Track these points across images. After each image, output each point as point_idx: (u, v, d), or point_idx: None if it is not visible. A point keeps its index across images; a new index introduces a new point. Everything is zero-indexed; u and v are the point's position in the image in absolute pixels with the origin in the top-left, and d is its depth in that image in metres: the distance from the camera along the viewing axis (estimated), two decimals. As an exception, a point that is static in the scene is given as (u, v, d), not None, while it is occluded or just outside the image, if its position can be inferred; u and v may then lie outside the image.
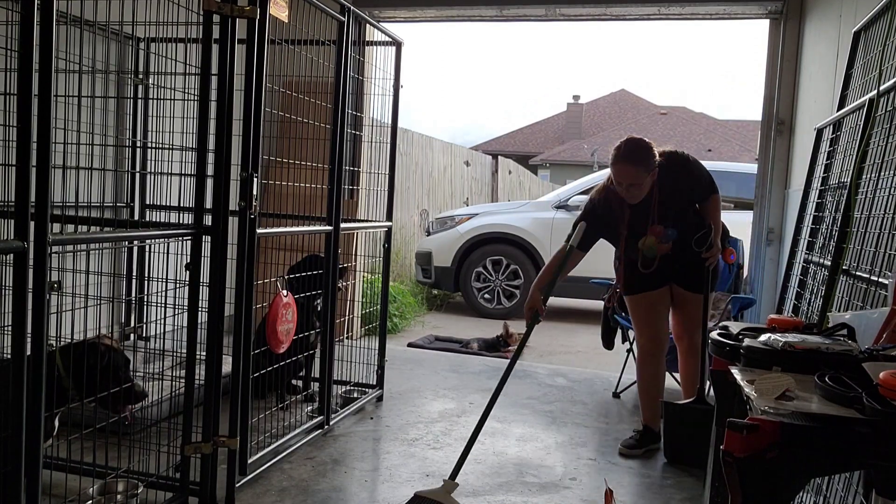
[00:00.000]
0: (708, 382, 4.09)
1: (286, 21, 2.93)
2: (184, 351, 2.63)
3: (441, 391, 4.47)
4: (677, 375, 4.46)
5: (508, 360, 3.18)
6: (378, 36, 4.10)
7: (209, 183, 2.56)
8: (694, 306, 3.52)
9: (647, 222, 3.35)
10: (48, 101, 1.82)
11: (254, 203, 2.67)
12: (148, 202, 4.26)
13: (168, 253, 2.92)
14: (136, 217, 4.21)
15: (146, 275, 4.20)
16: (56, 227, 2.04)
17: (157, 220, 4.13)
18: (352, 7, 3.39)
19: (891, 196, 2.58)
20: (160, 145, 3.82)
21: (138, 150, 4.32)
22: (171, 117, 3.72)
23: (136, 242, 4.12)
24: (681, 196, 3.37)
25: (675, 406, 3.44)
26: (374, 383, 4.15)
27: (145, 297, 4.14)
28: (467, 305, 8.24)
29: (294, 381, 4.01)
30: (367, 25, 4.03)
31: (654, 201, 3.32)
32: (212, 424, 2.66)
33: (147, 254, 4.23)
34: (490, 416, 3.98)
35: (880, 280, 2.43)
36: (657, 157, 3.30)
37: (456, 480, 2.78)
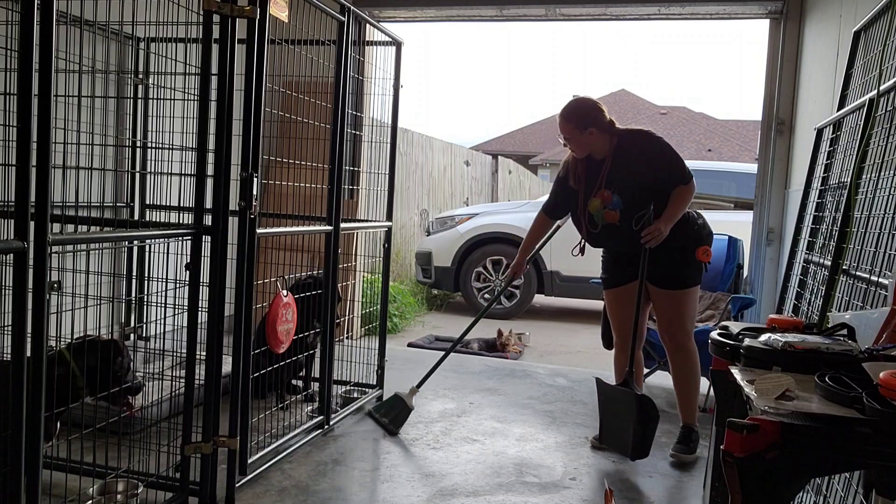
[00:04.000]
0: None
1: (286, 21, 2.93)
2: (184, 351, 2.63)
3: (441, 391, 4.47)
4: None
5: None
6: (378, 36, 4.10)
7: (209, 183, 2.56)
8: (665, 303, 3.46)
9: (596, 186, 3.46)
10: (48, 101, 1.81)
11: (254, 203, 2.67)
12: (148, 202, 4.25)
13: (168, 253, 2.91)
14: (136, 217, 4.21)
15: (146, 275, 4.20)
16: (56, 227, 2.04)
17: (157, 220, 4.13)
18: (352, 7, 3.39)
19: (891, 196, 2.58)
20: (160, 145, 3.82)
21: (138, 150, 4.32)
22: (171, 117, 3.72)
23: (136, 242, 4.12)
24: (634, 172, 3.38)
25: (604, 385, 3.51)
26: (374, 383, 4.15)
27: (145, 297, 4.14)
28: (467, 305, 8.24)
29: (294, 381, 4.01)
30: (367, 25, 4.03)
31: (606, 168, 3.44)
32: (212, 424, 2.66)
33: (147, 254, 4.23)
34: (490, 416, 4.02)
35: (880, 280, 2.43)
36: (601, 123, 3.40)
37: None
